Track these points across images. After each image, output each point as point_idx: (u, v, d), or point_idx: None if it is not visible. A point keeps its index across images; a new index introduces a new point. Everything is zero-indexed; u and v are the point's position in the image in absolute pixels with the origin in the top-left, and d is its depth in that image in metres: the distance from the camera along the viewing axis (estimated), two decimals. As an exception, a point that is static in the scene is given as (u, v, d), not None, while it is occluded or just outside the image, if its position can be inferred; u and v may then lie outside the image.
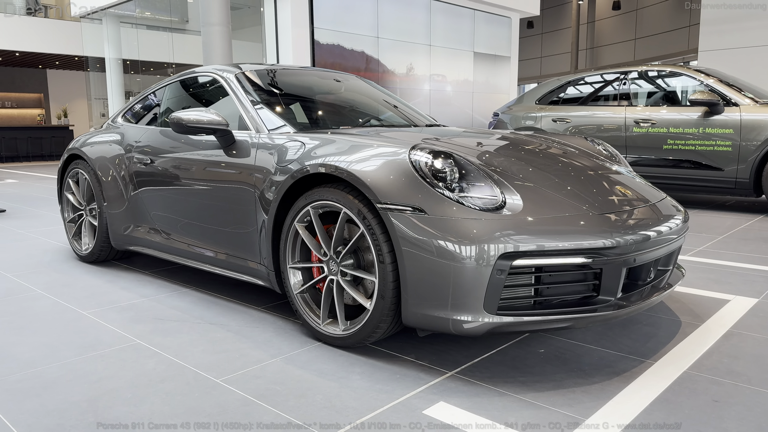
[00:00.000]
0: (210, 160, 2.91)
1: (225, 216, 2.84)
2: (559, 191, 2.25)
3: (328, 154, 2.34)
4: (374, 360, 2.22)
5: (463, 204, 2.03)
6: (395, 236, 2.05)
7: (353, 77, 3.85)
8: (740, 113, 5.73)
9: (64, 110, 18.92)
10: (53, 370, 2.16)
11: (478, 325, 1.98)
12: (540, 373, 2.11)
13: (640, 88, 6.96)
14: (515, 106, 7.52)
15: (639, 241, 2.13)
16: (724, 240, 4.45)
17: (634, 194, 2.50)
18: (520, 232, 1.98)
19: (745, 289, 3.13)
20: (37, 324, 2.68)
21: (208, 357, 2.27)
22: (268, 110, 2.94)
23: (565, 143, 3.04)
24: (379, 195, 2.09)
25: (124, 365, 2.20)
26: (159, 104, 3.71)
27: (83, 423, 1.78)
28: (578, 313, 2.02)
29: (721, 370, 2.12)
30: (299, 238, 2.46)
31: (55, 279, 3.47)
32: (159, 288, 3.25)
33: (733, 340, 2.41)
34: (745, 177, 5.67)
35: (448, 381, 2.04)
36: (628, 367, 2.14)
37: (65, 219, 4.06)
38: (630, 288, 2.25)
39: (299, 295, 2.48)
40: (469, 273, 1.95)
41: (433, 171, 2.12)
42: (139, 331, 2.56)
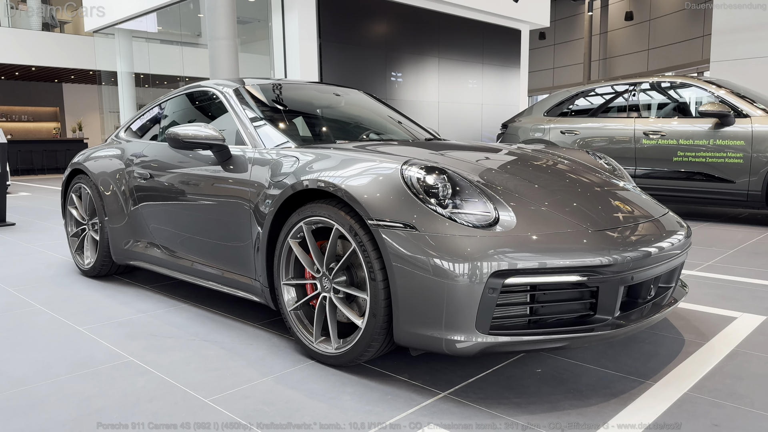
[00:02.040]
0: (206, 175, 2.90)
1: (221, 231, 2.83)
2: (555, 207, 2.20)
3: (321, 170, 2.32)
4: (367, 380, 2.18)
5: (455, 221, 1.99)
6: (386, 253, 2.02)
7: (355, 92, 3.84)
8: (752, 125, 5.64)
9: (79, 123, 19.19)
10: (43, 389, 2.14)
11: (471, 344, 1.93)
12: (535, 393, 2.05)
13: (649, 100, 6.89)
14: (523, 117, 7.47)
15: (637, 258, 2.08)
16: (734, 254, 4.35)
17: (634, 209, 2.45)
18: (512, 249, 1.94)
19: (753, 305, 3.05)
20: (33, 340, 2.67)
21: (198, 375, 2.24)
22: (265, 125, 2.93)
23: (566, 157, 2.99)
24: (371, 211, 2.06)
25: (114, 383, 2.18)
26: (160, 119, 3.72)
27: (67, 444, 1.76)
28: (574, 333, 1.97)
29: (724, 391, 2.05)
30: (293, 254, 2.43)
31: (55, 293, 3.47)
32: (157, 303, 3.23)
33: (737, 359, 2.34)
34: (757, 189, 5.56)
35: (440, 402, 1.99)
36: (627, 389, 2.08)
37: (68, 233, 4.08)
38: (629, 306, 2.20)
39: (292, 312, 2.45)
40: (460, 291, 1.91)
41: (425, 187, 2.08)
42: (132, 348, 2.54)
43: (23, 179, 15.25)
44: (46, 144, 17.48)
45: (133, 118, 4.00)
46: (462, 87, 10.53)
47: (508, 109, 11.31)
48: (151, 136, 3.70)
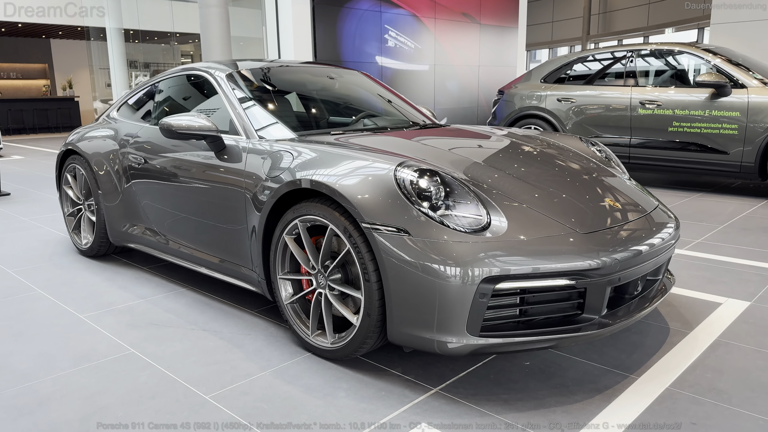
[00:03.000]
0: (201, 162, 2.91)
1: (217, 221, 2.86)
2: (546, 207, 2.23)
3: (315, 169, 2.33)
4: (361, 374, 2.26)
5: (447, 226, 2.03)
6: (380, 256, 2.06)
7: (351, 73, 3.79)
8: (748, 95, 5.62)
9: (69, 81, 18.86)
10: (48, 384, 2.21)
11: (462, 346, 2.00)
12: (523, 389, 2.14)
13: (646, 67, 6.83)
14: (520, 84, 7.41)
15: (625, 259, 2.13)
16: (723, 230, 4.42)
17: (625, 205, 2.49)
18: (503, 254, 1.98)
19: (739, 290, 3.13)
20: (35, 329, 2.73)
21: (199, 369, 2.32)
22: (259, 114, 2.92)
23: (558, 146, 3.01)
24: (365, 214, 2.09)
25: (117, 378, 2.25)
26: (153, 101, 3.69)
27: (74, 445, 1.84)
28: (562, 333, 2.04)
29: (704, 386, 2.14)
30: (288, 249, 2.48)
31: (55, 276, 3.52)
32: (156, 288, 3.29)
33: (719, 351, 2.42)
34: (750, 161, 5.60)
35: (432, 399, 2.07)
36: (611, 383, 2.17)
37: (65, 213, 4.10)
38: (616, 301, 2.26)
39: (289, 305, 2.51)
40: (452, 295, 1.96)
41: (418, 190, 2.11)
42: (133, 339, 2.61)
43: (15, 139, 15.10)
44: (36, 102, 17.24)
45: (125, 98, 3.96)
46: (459, 47, 10.37)
47: (505, 72, 11.17)
48: (144, 117, 3.67)
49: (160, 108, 3.60)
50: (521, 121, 7.18)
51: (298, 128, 2.96)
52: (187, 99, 3.54)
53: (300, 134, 2.84)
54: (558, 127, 6.82)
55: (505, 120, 7.31)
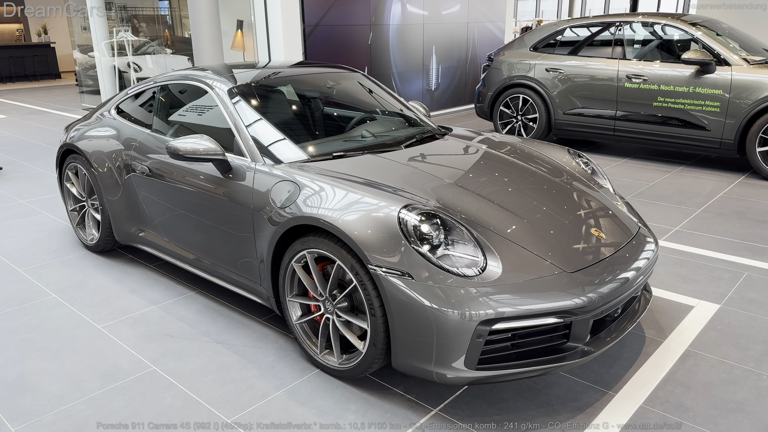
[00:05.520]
0: (209, 177, 3.01)
1: (225, 239, 3.00)
2: (537, 245, 2.42)
3: (321, 205, 2.48)
4: (368, 394, 2.49)
5: (447, 270, 2.21)
6: (384, 295, 2.25)
7: (352, 76, 3.82)
8: (731, 73, 5.74)
9: (43, 26, 18.21)
10: (81, 408, 2.42)
11: (459, 378, 2.23)
12: (513, 409, 2.40)
13: (633, 38, 6.88)
14: (510, 51, 7.42)
15: (611, 291, 2.34)
16: (700, 215, 4.66)
17: (609, 233, 2.68)
18: (498, 298, 2.18)
19: (710, 290, 3.39)
20: (58, 343, 2.92)
21: (218, 389, 2.53)
22: (262, 134, 3.01)
23: (545, 161, 3.18)
24: (371, 257, 2.26)
25: (144, 401, 2.47)
26: (153, 104, 3.74)
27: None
28: (549, 363, 2.27)
29: (672, 404, 2.41)
30: (297, 275, 2.65)
31: (66, 277, 3.68)
32: (166, 291, 3.47)
33: (688, 363, 2.69)
34: (730, 138, 5.79)
35: (433, 420, 2.32)
36: (591, 401, 2.43)
37: (68, 208, 4.20)
38: (598, 324, 2.49)
39: (298, 325, 2.72)
40: (450, 334, 2.17)
41: (420, 234, 2.28)
42: (152, 354, 2.81)
43: (-7, 90, 14.74)
44: (12, 50, 16.71)
45: (122, 97, 3.99)
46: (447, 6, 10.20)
47: (495, 29, 11.04)
48: (145, 121, 3.72)
49: (160, 115, 3.65)
50: (510, 90, 7.25)
51: (301, 146, 3.05)
52: (187, 107, 3.59)
53: (303, 155, 2.95)
54: (546, 97, 6.91)
55: (494, 88, 7.37)
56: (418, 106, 3.96)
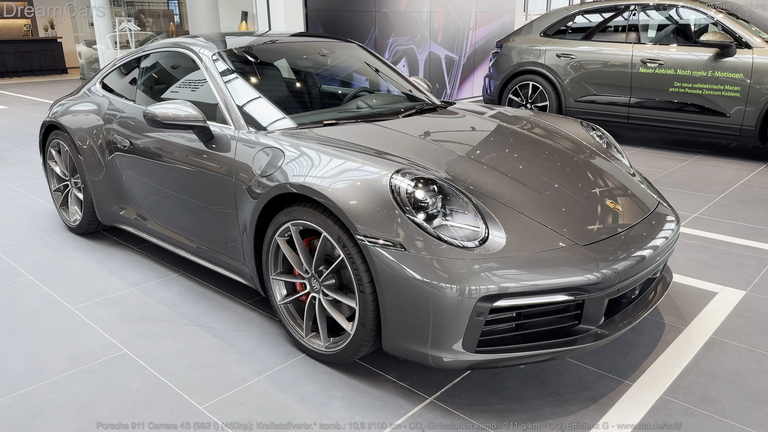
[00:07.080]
0: (189, 148, 2.79)
1: (207, 213, 2.78)
2: (546, 215, 2.17)
3: (308, 172, 2.24)
4: (356, 380, 2.25)
5: (444, 240, 1.97)
6: (374, 269, 2.01)
7: (347, 46, 3.59)
8: (753, 56, 5.45)
9: (50, 21, 18.15)
10: (41, 393, 2.20)
11: (457, 361, 1.98)
12: (518, 398, 2.14)
13: (648, 23, 6.59)
14: (519, 37, 7.16)
15: (626, 268, 2.09)
16: (720, 202, 4.38)
17: (626, 206, 2.43)
18: (501, 271, 1.93)
19: (735, 277, 3.12)
20: (26, 325, 2.70)
21: (192, 374, 2.30)
22: (248, 101, 2.79)
23: (560, 133, 2.92)
24: (359, 226, 2.02)
25: (111, 385, 2.24)
26: (137, 77, 3.53)
27: (70, 465, 1.84)
28: (559, 347, 2.02)
29: (697, 394, 2.15)
30: (281, 250, 2.42)
31: (44, 258, 3.47)
32: (148, 273, 3.24)
33: (713, 351, 2.43)
34: (751, 124, 5.49)
35: (427, 410, 2.08)
36: (606, 391, 2.17)
37: (51, 188, 4.00)
38: (614, 306, 2.23)
39: (282, 306, 2.48)
40: (448, 312, 1.92)
41: (414, 201, 2.03)
42: (126, 336, 2.59)
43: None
44: (18, 44, 16.63)
45: (107, 70, 3.78)
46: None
47: (502, 19, 10.77)
48: (128, 94, 3.51)
49: (144, 86, 3.44)
50: (519, 77, 6.99)
51: (290, 115, 2.83)
52: (172, 77, 3.38)
53: (291, 123, 2.72)
54: (557, 84, 6.65)
55: (503, 76, 7.11)
56: (419, 81, 3.71)
